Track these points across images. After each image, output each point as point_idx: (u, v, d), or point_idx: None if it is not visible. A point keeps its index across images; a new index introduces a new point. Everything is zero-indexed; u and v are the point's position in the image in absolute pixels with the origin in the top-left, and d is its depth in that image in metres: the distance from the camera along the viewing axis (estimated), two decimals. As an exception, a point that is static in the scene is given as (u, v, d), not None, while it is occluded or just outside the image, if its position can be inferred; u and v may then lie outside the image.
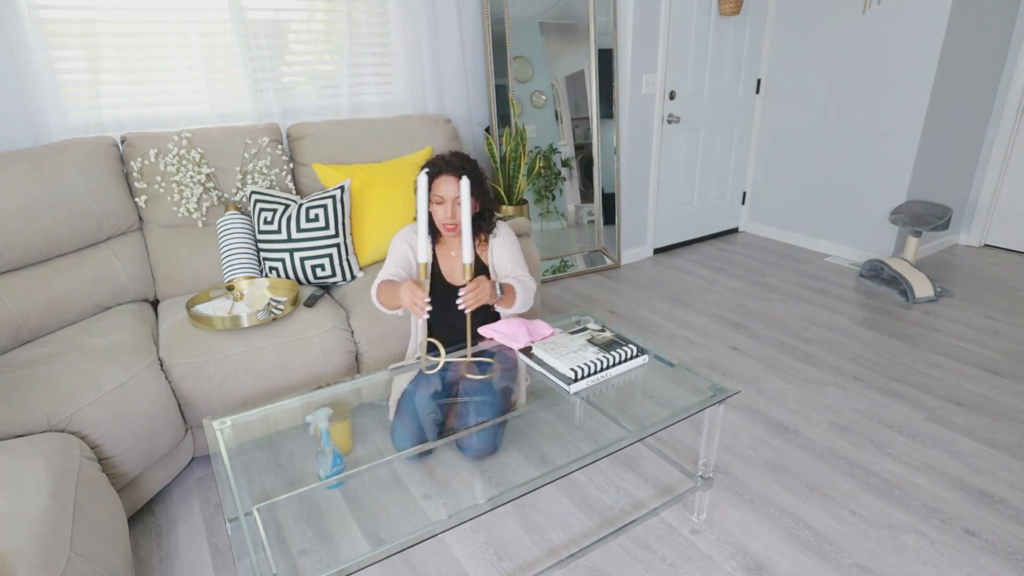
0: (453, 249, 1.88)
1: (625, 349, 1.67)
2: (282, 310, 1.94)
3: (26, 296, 1.85)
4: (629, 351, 1.67)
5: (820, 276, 3.55)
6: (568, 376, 1.58)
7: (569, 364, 1.60)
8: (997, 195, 3.83)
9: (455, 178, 1.69)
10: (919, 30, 3.20)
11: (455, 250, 1.88)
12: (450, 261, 1.88)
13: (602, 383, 1.62)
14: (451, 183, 1.69)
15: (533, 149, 3.34)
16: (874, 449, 2.01)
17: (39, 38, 2.08)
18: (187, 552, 1.65)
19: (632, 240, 3.84)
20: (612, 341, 1.72)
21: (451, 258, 1.88)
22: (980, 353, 2.62)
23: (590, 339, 1.73)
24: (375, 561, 1.10)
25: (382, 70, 2.84)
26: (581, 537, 1.67)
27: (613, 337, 1.74)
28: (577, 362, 1.61)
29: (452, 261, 1.88)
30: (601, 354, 1.65)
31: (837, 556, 1.59)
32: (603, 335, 1.75)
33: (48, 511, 1.16)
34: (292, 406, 1.60)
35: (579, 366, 1.59)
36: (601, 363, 1.62)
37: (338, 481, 1.38)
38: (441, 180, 1.70)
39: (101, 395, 1.58)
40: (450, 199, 1.70)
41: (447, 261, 1.88)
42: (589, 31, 3.31)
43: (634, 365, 1.68)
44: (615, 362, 1.64)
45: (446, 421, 1.62)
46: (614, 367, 1.64)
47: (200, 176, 2.20)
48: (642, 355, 1.69)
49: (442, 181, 1.70)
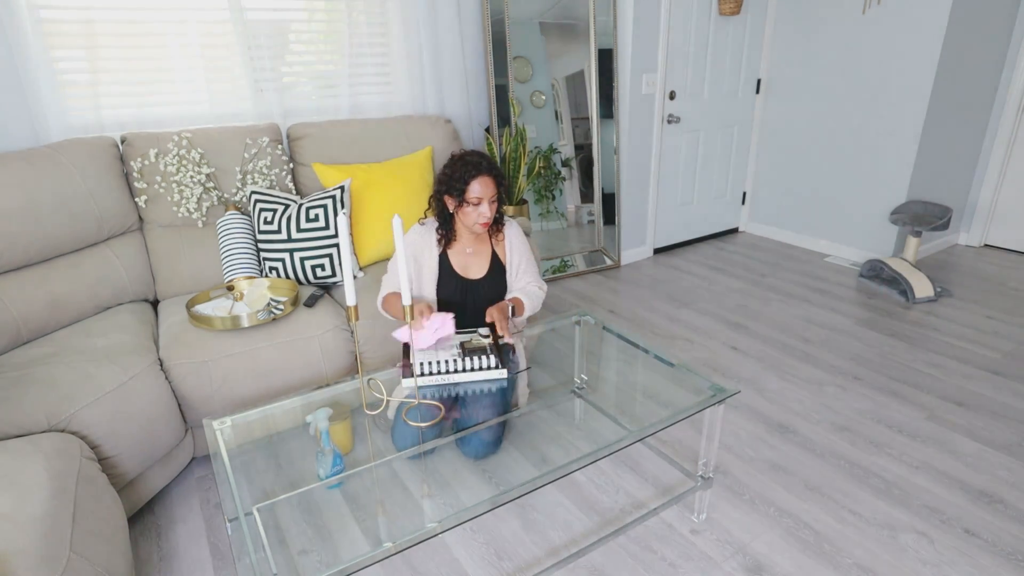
0: (469, 246, 1.91)
1: (483, 359, 1.64)
2: (282, 310, 1.94)
3: (26, 296, 1.85)
4: (486, 361, 1.64)
5: (820, 276, 3.55)
6: (413, 369, 1.60)
7: (422, 359, 1.64)
8: (997, 195, 3.83)
9: (492, 180, 1.77)
10: (919, 30, 3.20)
11: (471, 247, 1.91)
12: (464, 257, 1.91)
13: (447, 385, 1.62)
14: (489, 185, 1.76)
15: (533, 149, 3.34)
16: (874, 449, 2.01)
17: (39, 38, 2.08)
18: (187, 552, 1.65)
19: (632, 240, 3.85)
20: (481, 349, 1.70)
21: (466, 255, 1.91)
22: (980, 353, 2.62)
23: (466, 342, 1.74)
24: (375, 561, 1.10)
25: (382, 70, 2.84)
26: (581, 537, 1.67)
27: (487, 346, 1.72)
28: (433, 359, 1.64)
29: (467, 257, 1.91)
30: (456, 358, 1.65)
31: (837, 556, 1.59)
32: (481, 341, 1.75)
33: (48, 511, 1.16)
34: (292, 406, 1.60)
35: (430, 362, 1.62)
36: (450, 365, 1.62)
37: (338, 481, 1.38)
38: (481, 182, 1.75)
39: (101, 395, 1.58)
40: (487, 199, 1.76)
41: (460, 257, 1.91)
42: (589, 31, 3.31)
43: (486, 376, 1.64)
44: (464, 368, 1.62)
45: (447, 421, 1.62)
46: (460, 372, 1.62)
47: (200, 176, 2.20)
48: (498, 369, 1.63)
49: (481, 183, 1.75)
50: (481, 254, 1.92)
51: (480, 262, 1.92)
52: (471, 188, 1.75)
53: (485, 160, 1.78)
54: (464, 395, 1.64)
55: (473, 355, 1.65)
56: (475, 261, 1.92)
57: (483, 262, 1.92)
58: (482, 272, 1.91)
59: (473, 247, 1.91)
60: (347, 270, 1.33)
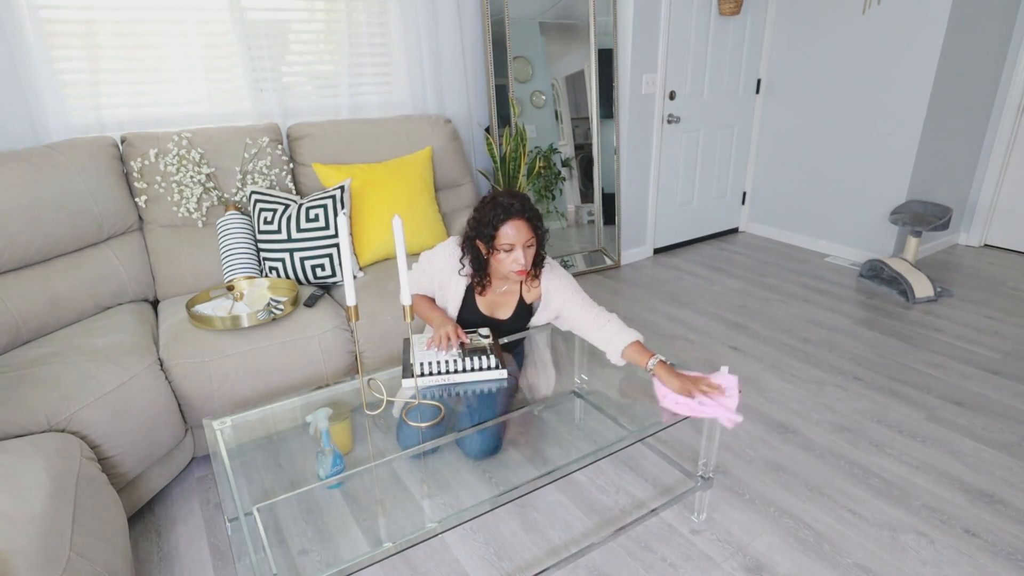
0: (503, 286, 1.80)
1: (483, 360, 1.63)
2: (282, 310, 1.94)
3: (26, 296, 1.85)
4: (486, 361, 1.63)
5: (820, 276, 3.55)
6: (413, 369, 1.61)
7: (422, 359, 1.64)
8: (997, 195, 3.83)
9: (525, 223, 1.62)
10: (919, 30, 3.20)
11: (504, 286, 1.80)
12: (493, 296, 1.81)
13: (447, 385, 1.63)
14: (522, 229, 1.61)
15: (533, 149, 3.34)
16: (874, 449, 2.01)
17: (39, 38, 2.08)
18: (187, 552, 1.65)
19: (632, 240, 3.85)
20: (481, 349, 1.69)
21: (497, 294, 1.81)
22: (980, 353, 2.62)
23: (466, 342, 1.73)
24: (375, 561, 1.10)
25: (382, 70, 2.84)
26: (581, 537, 1.67)
27: (487, 346, 1.70)
28: (432, 359, 1.64)
29: (496, 296, 1.82)
30: (457, 358, 1.64)
31: (837, 556, 1.59)
32: (480, 341, 1.73)
33: (48, 511, 1.16)
34: (292, 406, 1.60)
35: (430, 362, 1.63)
36: (450, 365, 1.62)
37: (338, 481, 1.38)
38: (512, 226, 1.60)
39: (101, 395, 1.58)
40: (521, 244, 1.62)
41: (490, 296, 1.81)
42: (589, 31, 3.31)
43: (485, 377, 1.63)
44: (464, 368, 1.62)
45: (451, 420, 1.62)
46: (461, 373, 1.62)
47: (200, 176, 2.20)
48: (497, 370, 1.62)
49: (513, 227, 1.60)
50: (511, 294, 1.83)
51: (508, 302, 1.83)
52: (502, 233, 1.60)
53: (518, 201, 1.62)
54: (465, 395, 1.63)
55: (473, 355, 1.65)
56: (503, 301, 1.83)
57: (511, 303, 1.83)
58: (507, 314, 1.83)
59: (506, 286, 1.81)
60: (347, 270, 1.33)
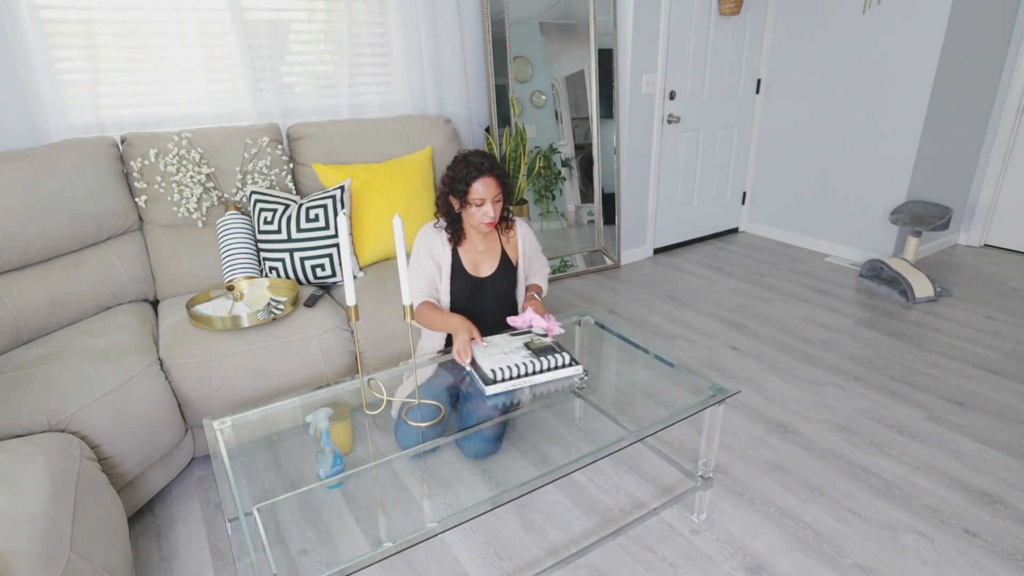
0: (480, 244, 1.92)
1: (556, 357, 1.61)
2: (282, 310, 1.94)
3: (26, 296, 1.85)
4: (561, 359, 1.61)
5: (820, 276, 3.54)
6: (488, 376, 1.56)
7: (492, 365, 1.58)
8: (997, 195, 3.83)
9: (495, 180, 1.78)
10: (919, 30, 3.20)
11: (482, 245, 1.92)
12: (475, 255, 1.92)
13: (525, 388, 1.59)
14: (491, 185, 1.77)
15: (533, 149, 3.34)
16: (874, 449, 2.01)
17: (39, 38, 2.08)
18: (187, 552, 1.65)
19: (632, 240, 3.84)
20: (547, 347, 1.68)
21: (477, 251, 1.93)
22: (980, 353, 2.62)
23: (528, 343, 1.71)
24: (375, 561, 1.10)
25: (382, 70, 2.84)
26: (581, 537, 1.67)
27: (551, 344, 1.70)
28: (503, 363, 1.58)
29: (478, 255, 1.93)
30: (530, 359, 1.61)
31: (837, 556, 1.59)
32: (542, 340, 1.72)
33: (48, 511, 1.16)
34: (292, 406, 1.60)
35: (502, 367, 1.57)
36: (526, 367, 1.58)
37: (338, 481, 1.38)
38: (482, 183, 1.76)
39: (101, 395, 1.58)
40: (490, 199, 1.78)
41: (471, 255, 1.92)
42: (589, 31, 3.31)
43: (563, 375, 1.62)
44: (542, 368, 1.59)
45: (450, 420, 1.62)
46: (540, 373, 1.59)
47: (200, 176, 2.20)
48: (575, 366, 1.62)
49: (483, 184, 1.76)
50: (491, 251, 1.94)
51: (490, 260, 1.94)
52: (473, 189, 1.76)
53: (487, 160, 1.79)
54: (463, 395, 1.63)
55: (544, 355, 1.62)
56: (485, 259, 1.94)
57: (493, 260, 1.94)
58: (492, 269, 1.93)
59: (484, 244, 1.93)
60: (347, 270, 1.33)
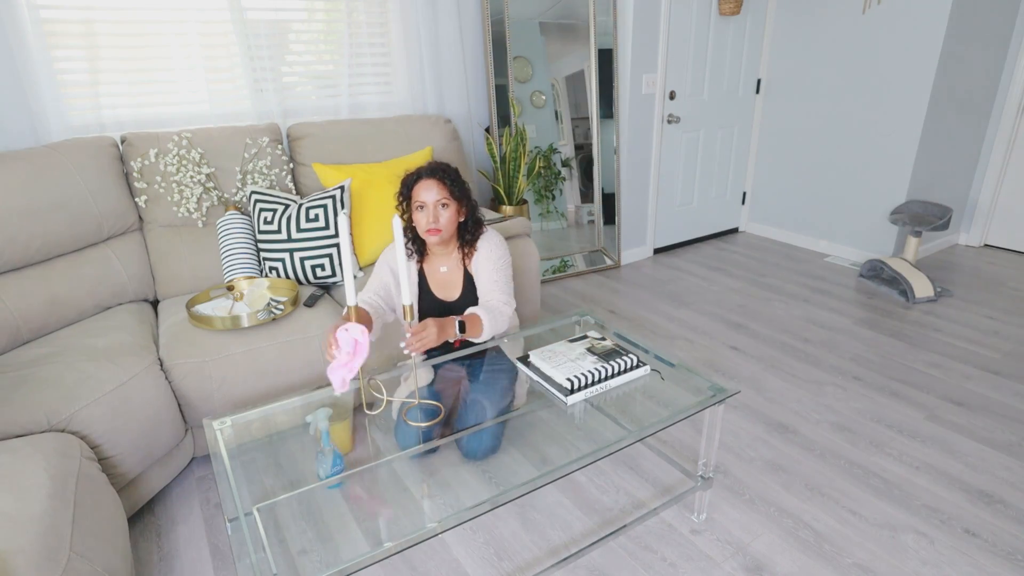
0: (443, 265, 1.84)
1: (625, 359, 1.61)
2: (282, 310, 1.94)
3: (26, 296, 1.85)
4: (629, 361, 1.61)
5: (820, 276, 3.55)
6: (564, 387, 1.54)
7: (566, 374, 1.56)
8: (997, 195, 3.83)
9: (436, 181, 1.68)
10: (919, 30, 3.20)
11: (444, 265, 1.84)
12: (438, 276, 1.85)
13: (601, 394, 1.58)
14: (432, 187, 1.67)
15: (533, 149, 3.34)
16: (874, 449, 2.01)
17: (39, 38, 2.08)
18: (187, 552, 1.65)
19: (632, 240, 3.84)
20: (612, 350, 1.66)
21: (439, 273, 1.85)
22: (980, 353, 2.62)
23: (589, 347, 1.69)
24: (375, 561, 1.10)
25: (382, 70, 2.84)
26: (581, 537, 1.67)
27: (613, 346, 1.69)
28: (575, 372, 1.56)
29: (441, 276, 1.85)
30: (600, 364, 1.59)
31: (837, 556, 1.59)
32: (603, 344, 1.70)
33: (48, 511, 1.16)
34: (292, 406, 1.60)
35: (576, 376, 1.55)
36: (600, 373, 1.57)
37: (338, 481, 1.38)
38: (422, 185, 1.68)
39: (101, 395, 1.58)
40: (431, 203, 1.68)
41: (435, 276, 1.85)
42: (589, 31, 3.31)
43: (634, 376, 1.63)
44: (614, 372, 1.59)
45: (450, 420, 1.62)
46: (613, 378, 1.59)
47: (200, 176, 2.20)
48: (642, 366, 1.63)
49: (423, 186, 1.68)
50: (455, 273, 1.84)
51: (454, 282, 1.85)
52: (415, 192, 1.69)
53: (438, 165, 1.71)
54: (467, 395, 1.63)
55: (611, 359, 1.61)
56: (450, 280, 1.85)
57: (457, 282, 1.84)
58: (458, 293, 1.84)
59: (447, 266, 1.84)
60: (347, 269, 1.33)
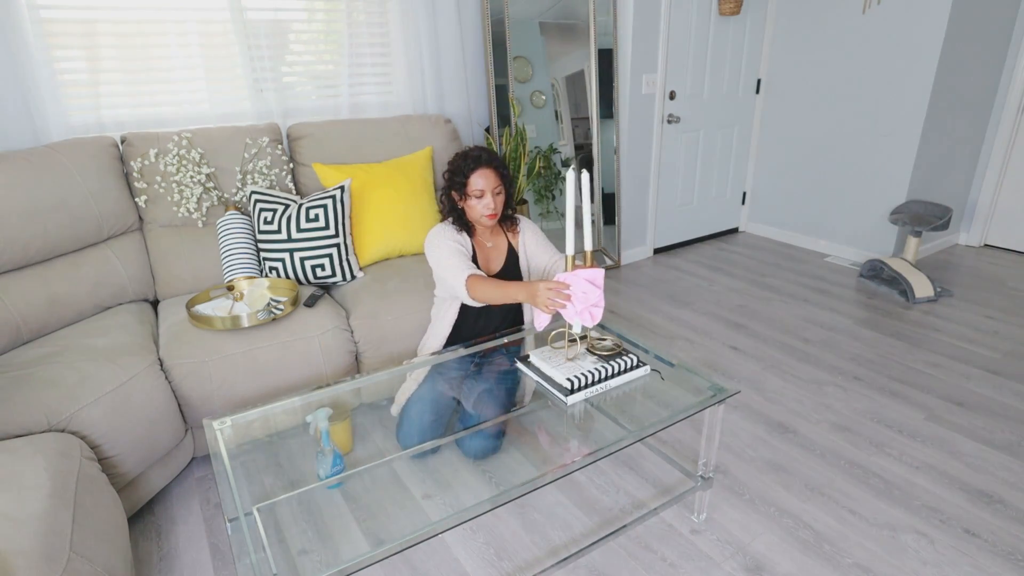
0: (489, 241, 1.94)
1: (626, 359, 1.61)
2: (282, 310, 1.94)
3: (26, 296, 1.85)
4: (629, 361, 1.61)
5: (820, 276, 3.54)
6: (564, 387, 1.54)
7: (566, 374, 1.56)
8: (997, 195, 3.83)
9: (493, 171, 1.82)
10: (919, 30, 3.20)
11: (491, 241, 1.94)
12: (485, 251, 1.94)
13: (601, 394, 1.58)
14: (490, 176, 1.81)
15: (533, 149, 3.34)
16: (874, 449, 2.01)
17: (39, 38, 2.08)
18: (187, 552, 1.65)
19: (632, 240, 3.84)
20: (612, 352, 1.66)
21: (486, 248, 1.94)
22: (980, 353, 2.62)
23: (590, 347, 1.69)
24: (375, 561, 1.10)
25: (382, 70, 2.84)
26: (581, 537, 1.67)
27: (614, 345, 1.69)
28: (575, 372, 1.56)
29: (487, 251, 1.94)
30: (600, 364, 1.59)
31: (837, 556, 1.59)
32: (603, 343, 1.70)
33: (48, 511, 1.16)
34: (292, 406, 1.60)
35: (576, 376, 1.54)
36: (600, 373, 1.57)
37: (338, 481, 1.38)
38: (480, 174, 1.80)
39: (101, 395, 1.58)
40: (490, 190, 1.81)
41: (482, 251, 1.94)
42: (589, 31, 3.31)
43: (634, 376, 1.63)
44: (614, 373, 1.59)
45: (451, 420, 1.62)
46: (613, 378, 1.59)
47: (200, 176, 2.20)
48: (642, 366, 1.63)
49: (481, 175, 1.80)
50: (499, 248, 1.95)
51: (498, 256, 1.95)
52: (472, 181, 1.79)
53: (485, 152, 1.82)
54: (467, 394, 1.63)
55: (611, 360, 1.61)
56: (494, 255, 1.95)
57: (500, 256, 1.95)
58: (500, 266, 1.95)
59: (492, 241, 1.95)
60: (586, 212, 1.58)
